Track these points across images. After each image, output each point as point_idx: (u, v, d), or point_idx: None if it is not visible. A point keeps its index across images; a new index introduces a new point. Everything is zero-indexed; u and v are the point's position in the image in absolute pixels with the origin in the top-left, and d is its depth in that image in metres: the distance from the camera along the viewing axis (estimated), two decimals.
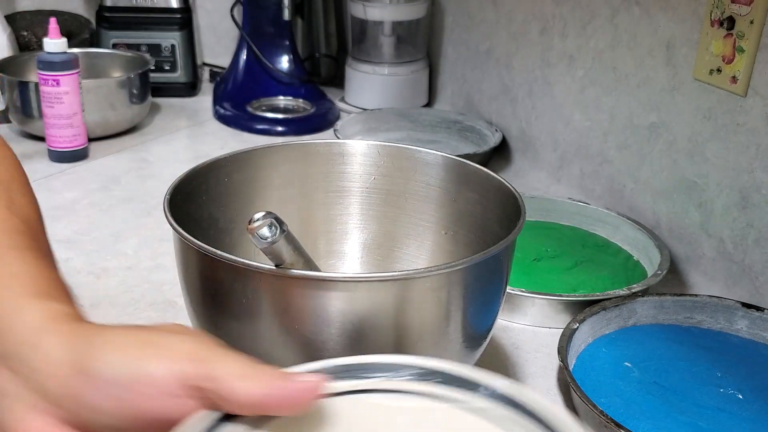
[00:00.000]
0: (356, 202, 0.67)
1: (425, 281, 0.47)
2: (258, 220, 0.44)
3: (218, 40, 1.53)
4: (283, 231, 0.44)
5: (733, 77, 0.76)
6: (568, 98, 1.02)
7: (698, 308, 0.72)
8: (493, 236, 0.59)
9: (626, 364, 0.67)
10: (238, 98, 1.29)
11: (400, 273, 0.47)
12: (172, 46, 1.33)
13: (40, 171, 1.04)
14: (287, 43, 1.32)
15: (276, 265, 0.45)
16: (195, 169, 0.59)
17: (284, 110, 1.29)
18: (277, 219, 0.44)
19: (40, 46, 1.08)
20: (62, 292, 0.40)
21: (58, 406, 0.34)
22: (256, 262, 0.46)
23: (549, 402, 0.35)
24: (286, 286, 0.46)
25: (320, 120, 1.26)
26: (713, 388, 0.64)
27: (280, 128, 1.23)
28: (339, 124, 1.16)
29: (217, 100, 1.30)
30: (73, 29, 1.34)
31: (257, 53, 1.30)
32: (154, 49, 1.32)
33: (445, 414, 0.36)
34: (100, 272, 0.81)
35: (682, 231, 0.85)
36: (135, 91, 1.17)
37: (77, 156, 1.07)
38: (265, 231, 0.43)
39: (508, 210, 0.57)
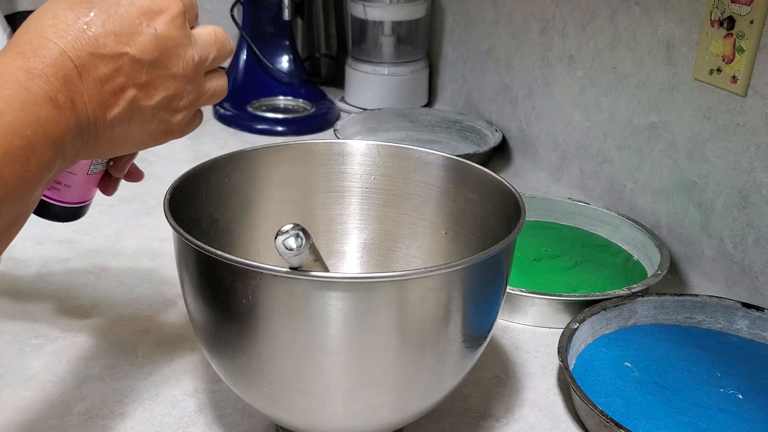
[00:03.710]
0: (356, 202, 0.67)
1: (425, 281, 0.47)
2: (286, 231, 0.44)
3: None
4: (308, 243, 0.44)
5: (733, 77, 0.76)
6: (568, 98, 1.02)
7: (698, 308, 0.72)
8: (493, 236, 0.59)
9: (626, 364, 0.67)
10: (238, 98, 1.29)
11: (400, 273, 0.47)
12: None
13: None
14: (287, 43, 1.32)
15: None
16: (195, 169, 0.59)
17: (284, 110, 1.29)
18: (304, 231, 0.44)
19: None
20: None
21: None
22: (256, 262, 0.46)
23: None
24: (286, 286, 0.46)
25: (320, 120, 1.26)
26: (713, 388, 0.64)
27: (280, 128, 1.23)
28: (339, 124, 1.16)
29: None
30: None
31: (257, 53, 1.30)
32: None
33: None
34: (100, 272, 0.81)
35: (682, 231, 0.85)
36: None
37: None
38: (291, 242, 0.44)
39: (508, 210, 0.57)
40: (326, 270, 0.50)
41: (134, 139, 0.47)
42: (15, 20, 1.32)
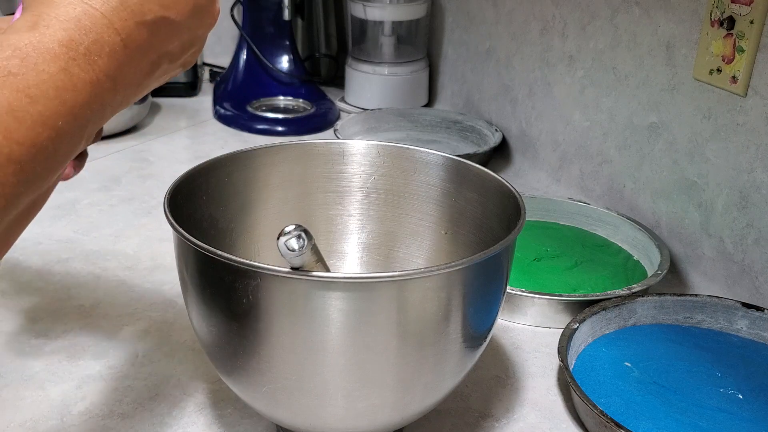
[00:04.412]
0: (356, 202, 0.67)
1: (425, 281, 0.47)
2: (289, 232, 0.44)
3: (218, 40, 1.53)
4: (310, 244, 0.44)
5: (733, 77, 0.76)
6: (568, 98, 1.02)
7: (698, 308, 0.72)
8: (493, 236, 0.59)
9: (626, 364, 0.67)
10: (238, 98, 1.29)
11: (400, 273, 0.47)
12: None
13: None
14: (287, 43, 1.32)
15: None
16: (195, 169, 0.59)
17: (284, 110, 1.29)
18: (306, 232, 0.44)
19: None
20: None
21: None
22: (256, 262, 0.46)
23: None
24: (286, 286, 0.46)
25: (320, 120, 1.26)
26: (713, 388, 0.64)
27: (280, 128, 1.23)
28: (339, 124, 1.16)
29: (217, 100, 1.30)
30: None
31: (257, 53, 1.30)
32: None
33: None
34: (100, 272, 0.81)
35: (682, 231, 0.85)
36: None
37: None
38: (293, 243, 0.44)
39: (508, 210, 0.57)
40: (327, 271, 0.50)
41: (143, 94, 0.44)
42: None
